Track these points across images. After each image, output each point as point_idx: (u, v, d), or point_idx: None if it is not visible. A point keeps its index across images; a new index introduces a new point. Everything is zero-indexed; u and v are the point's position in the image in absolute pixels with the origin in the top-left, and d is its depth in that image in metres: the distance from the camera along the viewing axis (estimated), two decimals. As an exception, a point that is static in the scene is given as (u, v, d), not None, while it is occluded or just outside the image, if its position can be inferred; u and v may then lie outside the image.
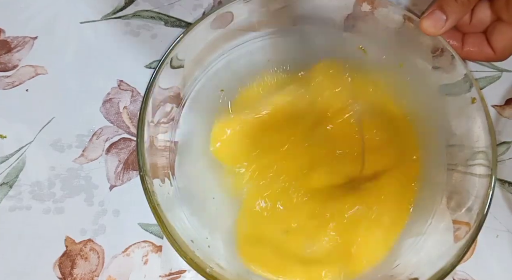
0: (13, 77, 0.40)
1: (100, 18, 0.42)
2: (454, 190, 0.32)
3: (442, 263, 0.28)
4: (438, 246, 0.30)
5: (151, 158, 0.31)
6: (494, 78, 0.40)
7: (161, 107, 0.33)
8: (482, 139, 0.30)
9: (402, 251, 0.31)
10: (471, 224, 0.28)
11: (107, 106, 0.39)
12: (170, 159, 0.34)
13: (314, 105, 0.36)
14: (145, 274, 0.34)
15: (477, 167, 0.30)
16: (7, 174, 0.37)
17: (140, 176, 0.29)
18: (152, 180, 0.30)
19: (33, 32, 0.42)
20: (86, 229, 0.35)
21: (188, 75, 0.35)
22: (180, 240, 0.28)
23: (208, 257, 0.29)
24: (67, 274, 0.34)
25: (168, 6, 0.43)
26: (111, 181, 0.37)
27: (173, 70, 0.33)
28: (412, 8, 0.43)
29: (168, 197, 0.31)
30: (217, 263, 0.30)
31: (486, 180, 0.29)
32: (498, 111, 0.39)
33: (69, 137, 0.38)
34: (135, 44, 0.41)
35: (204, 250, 0.30)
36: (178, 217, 0.31)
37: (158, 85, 0.32)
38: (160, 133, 0.33)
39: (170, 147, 0.34)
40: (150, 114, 0.31)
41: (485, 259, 0.34)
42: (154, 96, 0.31)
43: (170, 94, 0.34)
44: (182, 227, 0.30)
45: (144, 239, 0.35)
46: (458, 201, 0.31)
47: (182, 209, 0.32)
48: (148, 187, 0.29)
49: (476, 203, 0.29)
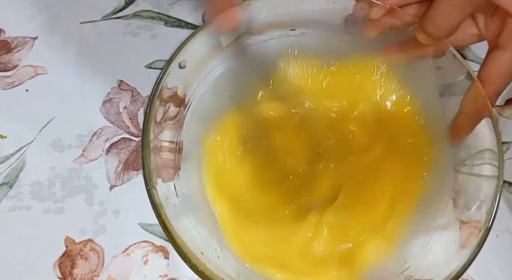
0: (13, 77, 0.40)
1: (100, 18, 0.42)
2: (460, 190, 0.32)
3: (453, 266, 0.28)
4: (448, 247, 0.30)
5: (157, 170, 0.31)
6: (494, 78, 0.40)
7: (166, 114, 0.33)
8: (487, 138, 0.30)
9: (412, 252, 0.31)
10: (481, 224, 0.28)
11: (107, 106, 0.39)
12: (175, 168, 0.33)
13: (317, 108, 0.36)
14: (145, 274, 0.34)
15: (484, 166, 0.30)
16: (7, 174, 0.37)
17: (146, 190, 0.29)
18: (159, 193, 0.29)
19: (33, 32, 0.42)
20: (86, 229, 0.35)
21: (190, 80, 0.35)
22: (190, 253, 0.28)
23: (218, 269, 0.29)
24: (67, 274, 0.34)
25: (168, 6, 0.43)
26: (111, 181, 0.37)
27: (179, 73, 0.33)
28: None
29: (174, 209, 0.31)
30: (227, 273, 0.29)
31: (494, 180, 0.29)
32: (498, 111, 0.39)
33: (69, 137, 0.38)
34: (135, 44, 0.41)
35: (215, 262, 0.30)
36: (186, 227, 0.30)
37: (165, 89, 0.31)
38: (164, 143, 0.33)
39: (175, 156, 0.34)
40: (155, 126, 0.31)
41: (485, 259, 0.34)
42: (158, 105, 0.31)
43: (173, 99, 0.34)
44: (191, 238, 0.29)
45: (144, 239, 0.35)
46: (465, 201, 0.31)
47: (189, 218, 0.32)
48: (156, 200, 0.28)
49: (484, 204, 0.29)
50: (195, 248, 0.29)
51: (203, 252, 0.29)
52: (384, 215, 0.32)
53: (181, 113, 0.35)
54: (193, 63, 0.34)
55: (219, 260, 0.30)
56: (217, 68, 0.36)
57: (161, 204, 0.29)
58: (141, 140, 0.30)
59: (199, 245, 0.30)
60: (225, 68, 0.36)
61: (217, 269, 0.29)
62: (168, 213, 0.29)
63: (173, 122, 0.34)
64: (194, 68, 0.34)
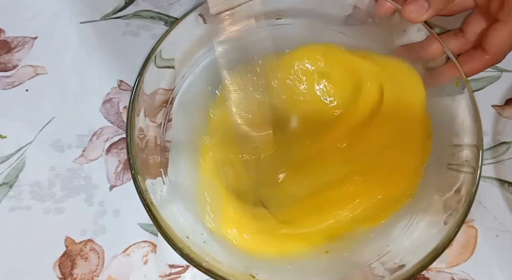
0: (13, 77, 0.40)
1: (100, 18, 0.42)
2: (444, 178, 0.32)
3: (432, 245, 0.28)
4: (429, 228, 0.30)
5: (143, 157, 0.31)
6: (494, 78, 0.40)
7: (152, 105, 0.33)
8: (469, 131, 0.31)
9: (395, 234, 0.31)
10: (460, 204, 0.29)
11: (107, 106, 0.39)
12: (163, 157, 0.34)
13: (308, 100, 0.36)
14: (145, 274, 0.34)
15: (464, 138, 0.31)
16: (7, 174, 0.37)
17: (132, 175, 0.29)
18: (145, 179, 0.30)
19: (33, 32, 0.42)
20: (86, 229, 0.35)
21: (177, 72, 0.35)
22: (175, 237, 0.28)
23: (204, 252, 0.30)
24: (67, 274, 0.34)
25: (168, 6, 0.43)
26: (111, 181, 0.37)
27: (160, 68, 0.33)
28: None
29: (161, 195, 0.31)
30: (213, 257, 0.30)
31: (473, 159, 0.30)
32: (498, 111, 0.39)
33: (69, 137, 0.38)
34: (135, 44, 0.41)
35: (200, 246, 0.30)
36: (172, 214, 0.31)
37: (145, 83, 0.32)
38: (151, 131, 0.33)
39: (162, 145, 0.34)
40: (140, 113, 0.31)
41: (485, 259, 0.34)
42: (143, 94, 0.31)
43: (159, 92, 0.34)
44: (177, 223, 0.30)
45: (144, 239, 0.35)
46: (448, 184, 0.31)
47: (176, 206, 0.32)
48: (141, 186, 0.29)
49: (465, 183, 0.30)
50: (180, 232, 0.29)
51: (188, 236, 0.30)
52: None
53: (168, 102, 0.35)
54: (175, 58, 0.34)
55: (205, 245, 0.31)
56: (203, 57, 0.36)
57: (146, 190, 0.29)
58: (126, 125, 0.30)
59: (185, 229, 0.30)
60: (212, 58, 0.36)
61: (203, 253, 0.29)
62: (154, 200, 0.29)
63: (161, 111, 0.34)
64: (175, 63, 0.34)
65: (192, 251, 0.28)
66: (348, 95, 0.36)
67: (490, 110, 0.39)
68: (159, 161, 0.34)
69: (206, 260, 0.28)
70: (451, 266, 0.34)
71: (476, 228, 0.35)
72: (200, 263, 0.27)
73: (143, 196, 0.29)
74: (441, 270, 0.34)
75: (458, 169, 0.31)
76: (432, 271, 0.34)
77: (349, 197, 0.32)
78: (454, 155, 0.31)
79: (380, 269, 0.30)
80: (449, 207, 0.30)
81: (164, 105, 0.35)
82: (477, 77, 0.40)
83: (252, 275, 0.29)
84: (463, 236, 0.35)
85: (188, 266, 0.34)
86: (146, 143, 0.32)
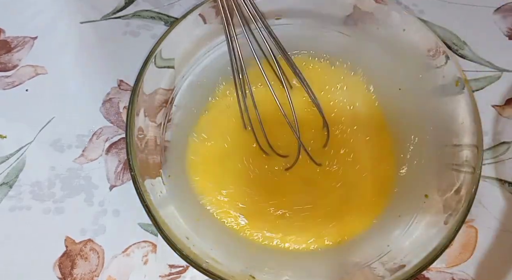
0: (13, 77, 0.40)
1: (100, 18, 0.42)
2: (443, 178, 0.32)
3: (432, 245, 0.28)
4: (429, 228, 0.30)
5: (143, 157, 0.31)
6: (494, 78, 0.40)
7: (151, 105, 0.33)
8: (468, 131, 0.31)
9: (395, 234, 0.32)
10: (460, 204, 0.29)
11: (107, 106, 0.39)
12: (162, 157, 0.34)
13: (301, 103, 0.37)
14: (145, 274, 0.34)
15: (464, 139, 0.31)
16: (7, 174, 0.37)
17: (131, 175, 0.29)
18: (144, 180, 0.30)
19: (33, 32, 0.42)
20: (86, 229, 0.35)
21: (177, 72, 0.35)
22: (175, 237, 0.28)
23: (204, 253, 0.30)
24: (67, 274, 0.34)
25: (168, 6, 0.43)
26: (111, 181, 0.37)
27: (160, 68, 0.33)
28: (412, 8, 0.43)
29: (161, 196, 0.31)
30: (213, 258, 0.30)
31: (473, 159, 0.30)
32: (498, 111, 0.39)
33: (69, 137, 0.38)
34: (135, 44, 0.41)
35: (200, 246, 0.30)
36: (172, 215, 0.31)
37: (145, 83, 0.32)
38: (150, 131, 0.33)
39: (162, 145, 0.35)
40: (140, 113, 0.32)
41: (485, 259, 0.34)
42: (143, 94, 0.32)
43: (159, 92, 0.34)
44: (176, 224, 0.30)
45: (144, 239, 0.35)
46: (448, 184, 0.31)
47: (176, 206, 0.32)
48: (140, 187, 0.29)
49: (465, 183, 0.30)
50: (179, 232, 0.29)
51: (188, 237, 0.30)
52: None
53: (168, 102, 0.35)
54: (179, 53, 0.34)
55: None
56: (203, 57, 0.37)
57: (146, 191, 0.29)
58: (125, 125, 0.30)
59: (184, 230, 0.31)
60: (212, 58, 0.37)
61: (203, 254, 0.29)
62: (154, 200, 0.29)
63: (160, 111, 0.34)
64: (175, 63, 0.35)
65: (192, 252, 0.28)
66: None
67: (490, 110, 0.39)
68: (158, 161, 0.34)
69: (206, 261, 0.28)
70: (451, 266, 0.34)
71: (476, 228, 0.35)
72: (200, 264, 0.28)
73: (142, 197, 0.29)
74: (441, 270, 0.34)
75: (458, 169, 0.31)
76: (432, 271, 0.34)
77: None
78: (454, 155, 0.31)
79: (380, 269, 0.30)
80: (449, 207, 0.30)
81: (164, 105, 0.35)
82: (477, 76, 0.40)
83: (252, 276, 0.29)
84: (463, 236, 0.35)
85: (188, 266, 0.34)
86: (146, 143, 0.32)
